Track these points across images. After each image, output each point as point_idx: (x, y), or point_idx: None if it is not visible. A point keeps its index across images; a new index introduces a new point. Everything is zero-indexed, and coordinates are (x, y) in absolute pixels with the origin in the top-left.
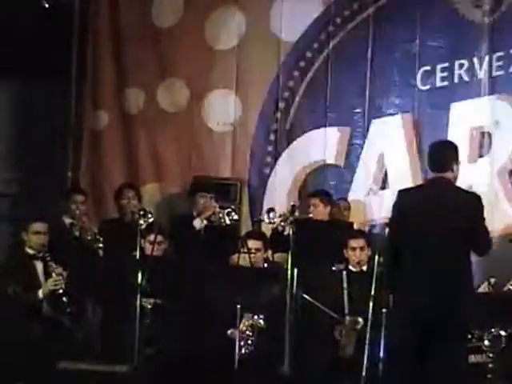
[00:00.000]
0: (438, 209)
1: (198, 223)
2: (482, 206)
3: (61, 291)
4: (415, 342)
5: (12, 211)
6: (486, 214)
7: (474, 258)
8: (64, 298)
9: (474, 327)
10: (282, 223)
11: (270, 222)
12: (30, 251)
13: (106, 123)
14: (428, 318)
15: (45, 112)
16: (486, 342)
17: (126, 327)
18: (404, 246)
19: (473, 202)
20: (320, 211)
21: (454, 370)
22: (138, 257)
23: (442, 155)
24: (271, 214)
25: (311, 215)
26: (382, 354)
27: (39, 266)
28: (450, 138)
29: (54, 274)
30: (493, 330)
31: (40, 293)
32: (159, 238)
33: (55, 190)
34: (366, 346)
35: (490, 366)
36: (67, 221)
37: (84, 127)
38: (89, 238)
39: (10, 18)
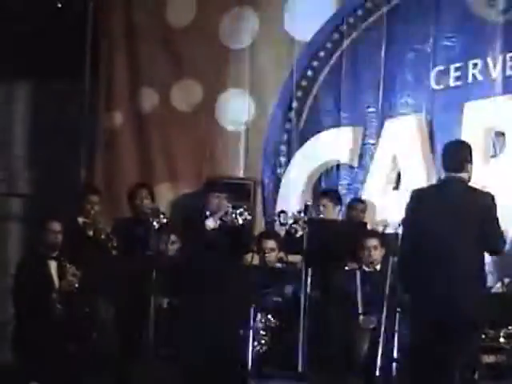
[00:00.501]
0: (451, 208)
1: (210, 223)
2: (496, 206)
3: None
4: (429, 342)
5: (26, 211)
6: (499, 214)
7: (488, 258)
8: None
9: (488, 327)
10: (294, 225)
11: (282, 224)
12: (44, 250)
13: (120, 123)
14: (441, 318)
15: (59, 112)
16: (501, 342)
17: (140, 327)
18: (417, 245)
19: (486, 202)
20: (330, 211)
21: (467, 371)
22: (151, 256)
23: (456, 155)
24: (282, 216)
25: (322, 215)
26: (395, 354)
27: (53, 265)
28: (463, 138)
29: (68, 275)
30: (509, 328)
31: (54, 294)
32: (172, 237)
33: (69, 190)
34: (380, 346)
35: (505, 365)
36: (81, 220)
37: (98, 127)
38: (102, 237)
39: (23, 19)
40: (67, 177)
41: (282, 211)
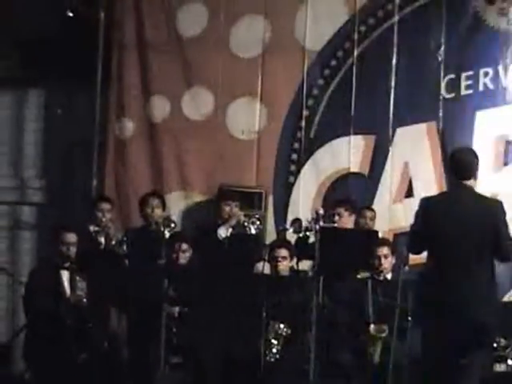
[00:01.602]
0: (462, 216)
1: (222, 231)
2: (505, 213)
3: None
4: (442, 352)
5: (38, 220)
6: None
7: (500, 267)
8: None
9: (500, 336)
10: (307, 232)
11: (295, 232)
12: (58, 260)
13: (131, 132)
14: (453, 327)
15: (70, 121)
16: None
17: (151, 336)
18: (428, 253)
19: (495, 209)
20: (345, 220)
21: (478, 380)
22: (163, 265)
23: (468, 163)
24: (297, 224)
25: (336, 224)
26: (406, 363)
27: (65, 275)
28: (474, 147)
29: (77, 290)
30: None
31: (63, 306)
32: (184, 246)
33: (81, 198)
34: (392, 354)
35: None
36: (92, 229)
37: (109, 136)
38: (113, 243)
39: (35, 27)
40: (78, 185)
41: (297, 219)
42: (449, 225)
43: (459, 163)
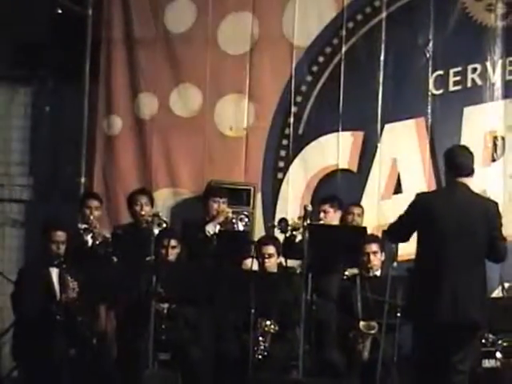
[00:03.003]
0: (458, 214)
1: (210, 228)
2: (500, 214)
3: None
4: (432, 347)
5: (26, 217)
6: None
7: (488, 263)
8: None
9: (488, 332)
10: (294, 232)
11: (282, 232)
12: (47, 258)
13: (120, 128)
14: (445, 324)
15: (58, 118)
16: (500, 347)
17: (140, 332)
18: (420, 249)
19: (492, 210)
20: (331, 217)
21: (467, 375)
22: (151, 262)
23: (467, 160)
24: (283, 224)
25: (322, 222)
26: (395, 359)
27: (54, 272)
28: (463, 143)
29: (68, 289)
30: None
31: (54, 306)
32: (173, 242)
33: (69, 195)
34: (381, 351)
35: (504, 370)
36: (82, 226)
37: (97, 133)
38: (97, 242)
39: (24, 23)
40: (67, 182)
41: (283, 219)
42: (444, 222)
43: (460, 160)
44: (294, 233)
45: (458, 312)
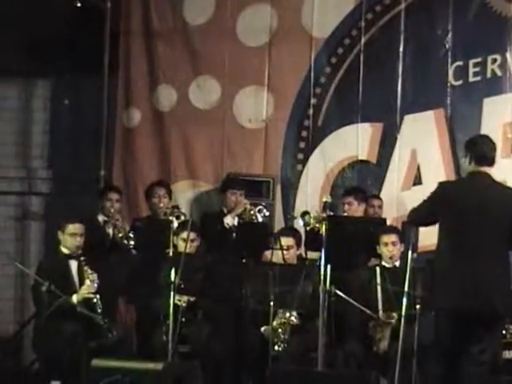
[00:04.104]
0: (482, 203)
1: (229, 220)
2: None
3: (93, 297)
4: (452, 336)
5: (46, 210)
6: None
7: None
8: (95, 300)
9: (509, 323)
10: (317, 224)
11: (306, 225)
12: (65, 251)
13: (139, 121)
14: (467, 313)
15: (77, 111)
16: None
17: (159, 325)
18: (443, 235)
19: None
20: (355, 209)
21: (489, 366)
22: (170, 254)
23: (488, 149)
24: (306, 218)
25: (346, 213)
26: (415, 350)
27: (73, 265)
28: (482, 133)
29: (88, 281)
30: None
31: (74, 298)
32: (192, 235)
33: (89, 187)
34: (400, 342)
35: None
36: (101, 219)
37: (116, 125)
38: (120, 235)
39: (42, 17)
40: (87, 175)
41: (306, 212)
42: (466, 210)
43: (479, 150)
44: (318, 225)
45: (478, 300)
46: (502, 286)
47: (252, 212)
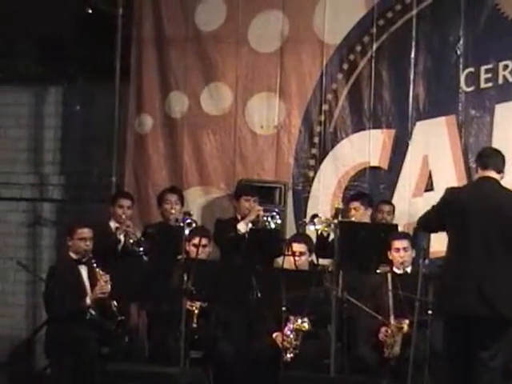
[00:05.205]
0: (489, 208)
1: (242, 226)
2: None
3: (105, 297)
4: (461, 342)
5: (58, 216)
6: None
7: None
8: (113, 305)
9: None
10: (326, 228)
11: (316, 228)
12: (75, 256)
13: (150, 127)
14: (475, 317)
15: (89, 117)
16: None
17: (171, 331)
18: (451, 241)
19: None
20: (361, 214)
21: (499, 372)
22: (182, 260)
23: (497, 157)
24: (315, 220)
25: (353, 218)
26: (427, 356)
27: (84, 270)
28: (495, 140)
29: (101, 281)
30: None
31: (88, 299)
32: (204, 241)
33: (101, 194)
34: (412, 348)
35: None
36: (113, 225)
37: (128, 131)
38: (131, 242)
39: (55, 23)
40: (98, 181)
41: (315, 215)
42: (473, 215)
43: (488, 156)
44: (327, 229)
45: (485, 306)
46: (509, 291)
47: (265, 218)
